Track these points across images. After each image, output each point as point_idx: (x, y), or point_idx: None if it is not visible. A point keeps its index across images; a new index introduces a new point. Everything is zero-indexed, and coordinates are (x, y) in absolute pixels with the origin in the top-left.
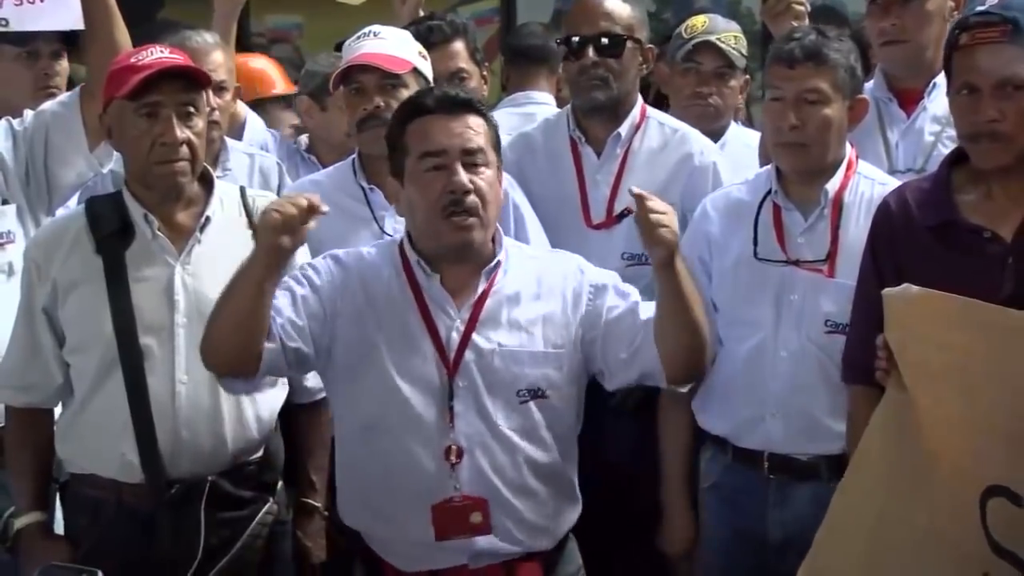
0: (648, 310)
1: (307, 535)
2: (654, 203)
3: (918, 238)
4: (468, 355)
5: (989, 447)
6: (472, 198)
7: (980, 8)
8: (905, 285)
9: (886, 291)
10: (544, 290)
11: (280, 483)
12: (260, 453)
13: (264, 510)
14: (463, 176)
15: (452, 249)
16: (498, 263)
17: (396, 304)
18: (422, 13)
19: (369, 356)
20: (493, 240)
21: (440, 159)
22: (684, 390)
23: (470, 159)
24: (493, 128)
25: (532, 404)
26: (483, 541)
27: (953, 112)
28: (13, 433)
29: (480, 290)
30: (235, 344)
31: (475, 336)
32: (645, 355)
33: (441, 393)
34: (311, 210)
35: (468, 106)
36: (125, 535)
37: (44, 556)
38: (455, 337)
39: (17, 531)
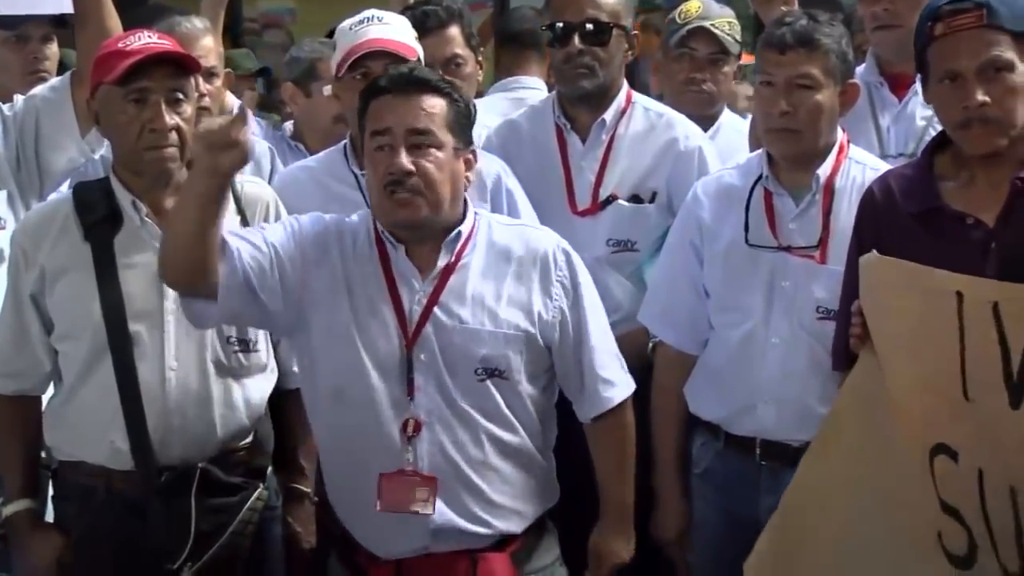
0: (597, 335)
1: (297, 520)
2: None
3: (902, 225)
4: (428, 329)
5: (935, 408)
6: (414, 180)
7: None
8: (872, 252)
9: (862, 258)
10: (514, 269)
11: (270, 469)
12: (250, 439)
13: (255, 496)
14: (404, 158)
15: (397, 226)
16: (459, 235)
17: (365, 273)
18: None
19: (336, 323)
20: (466, 211)
21: (385, 138)
22: None
23: (416, 139)
24: (456, 108)
25: (490, 383)
26: (440, 518)
27: (935, 103)
28: (2, 420)
29: (443, 263)
30: (185, 258)
31: (436, 310)
32: (565, 389)
33: (401, 366)
34: (238, 121)
35: (424, 86)
36: (115, 522)
37: (34, 544)
38: (416, 310)
39: (6, 519)
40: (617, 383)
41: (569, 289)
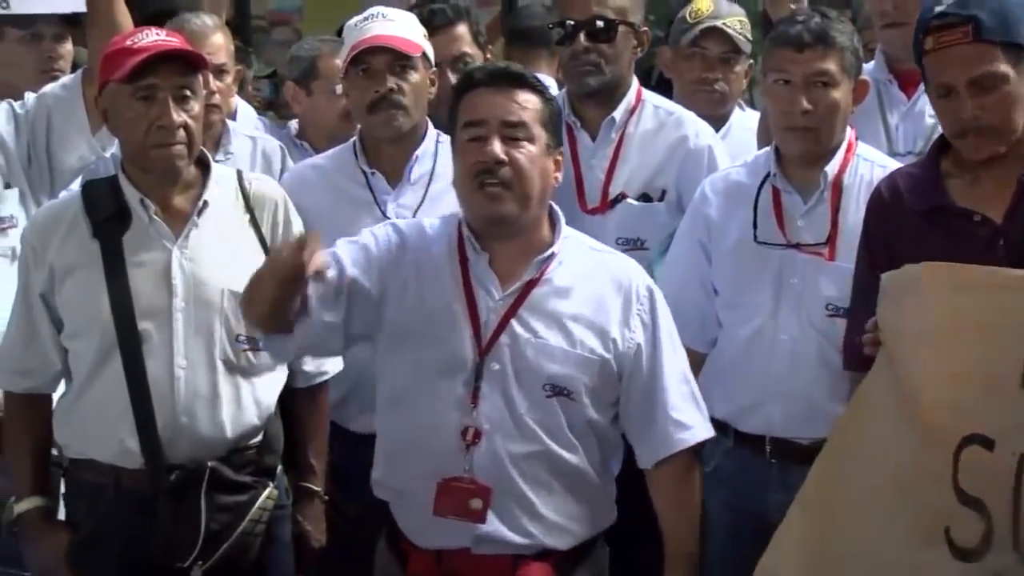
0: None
1: (307, 519)
2: None
3: (909, 223)
4: (503, 339)
5: (969, 399)
6: (506, 170)
7: (939, 8)
8: (905, 267)
9: (885, 275)
10: (595, 293)
11: (280, 467)
12: (259, 437)
13: (264, 495)
14: (497, 147)
15: (485, 221)
16: (552, 255)
17: (442, 277)
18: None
19: (409, 327)
20: (553, 227)
21: (479, 129)
22: None
23: (510, 131)
24: (549, 107)
25: (556, 401)
26: (486, 527)
27: (936, 112)
28: (12, 418)
29: (528, 278)
30: (267, 312)
31: (513, 322)
32: (629, 431)
33: (471, 372)
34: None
35: (519, 80)
36: (125, 520)
37: (44, 541)
38: (493, 319)
39: (17, 516)
40: (692, 426)
41: (648, 325)
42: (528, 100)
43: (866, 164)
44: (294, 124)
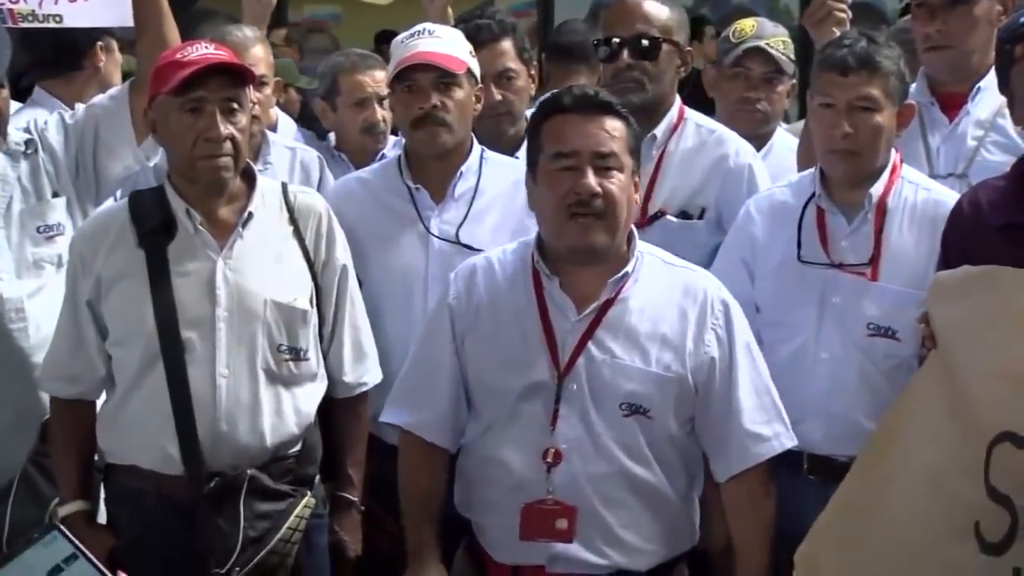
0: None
1: (344, 529)
2: None
3: (986, 237)
4: (580, 361)
5: (1008, 396)
6: (599, 202)
7: None
8: (963, 267)
9: (940, 273)
10: (670, 310)
11: (318, 477)
12: (299, 447)
13: (302, 504)
14: (592, 179)
15: (574, 250)
16: (626, 274)
17: (518, 302)
18: (451, 12)
19: (488, 353)
20: (628, 244)
21: (571, 160)
22: None
23: (602, 162)
24: (633, 131)
25: (633, 420)
26: (562, 546)
27: None
28: (58, 423)
29: (605, 298)
30: None
31: (590, 343)
32: (705, 444)
33: (548, 394)
34: None
35: (607, 108)
36: (165, 526)
37: (87, 544)
38: (571, 341)
39: (62, 519)
40: (769, 437)
41: (724, 339)
42: (616, 128)
43: (911, 186)
44: (333, 136)
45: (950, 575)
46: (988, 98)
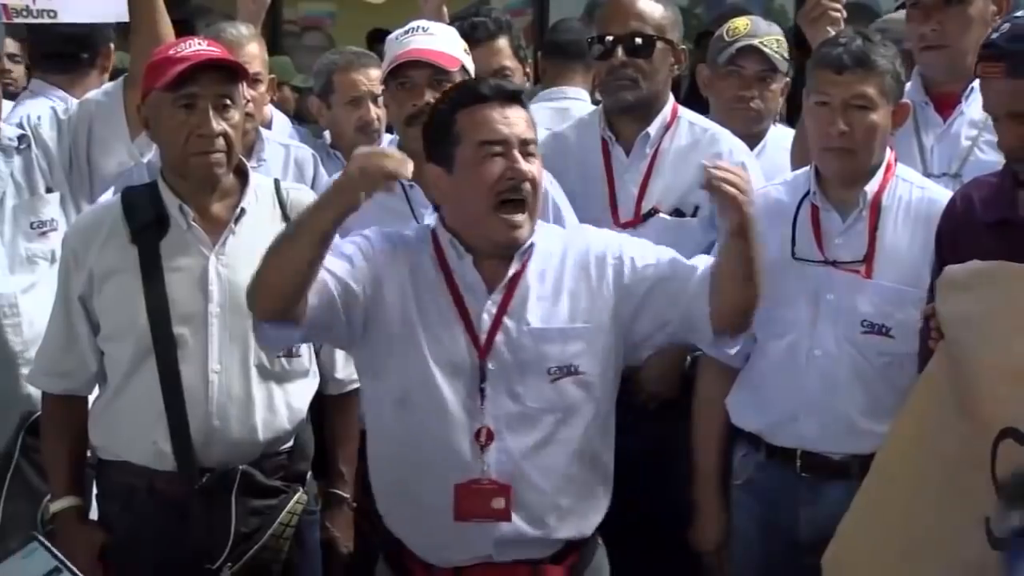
0: (681, 260)
1: (335, 525)
2: (724, 171)
3: (978, 234)
4: (499, 337)
5: (1010, 392)
6: (527, 186)
7: None
8: (973, 262)
9: (949, 267)
10: (570, 264)
11: (310, 474)
12: (291, 443)
13: (294, 500)
14: (523, 163)
15: (498, 246)
16: (531, 245)
17: (431, 285)
18: (445, 9)
19: (405, 333)
20: None
21: (501, 147)
22: (732, 351)
23: (526, 148)
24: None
25: (565, 381)
26: (508, 526)
27: None
28: (50, 419)
29: (512, 272)
30: (286, 290)
31: (506, 319)
32: (694, 308)
33: (472, 375)
34: (405, 164)
35: (518, 98)
36: (157, 522)
37: (79, 540)
38: (486, 319)
39: (53, 515)
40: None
41: (625, 262)
42: (529, 118)
43: (905, 185)
44: (328, 134)
45: (967, 572)
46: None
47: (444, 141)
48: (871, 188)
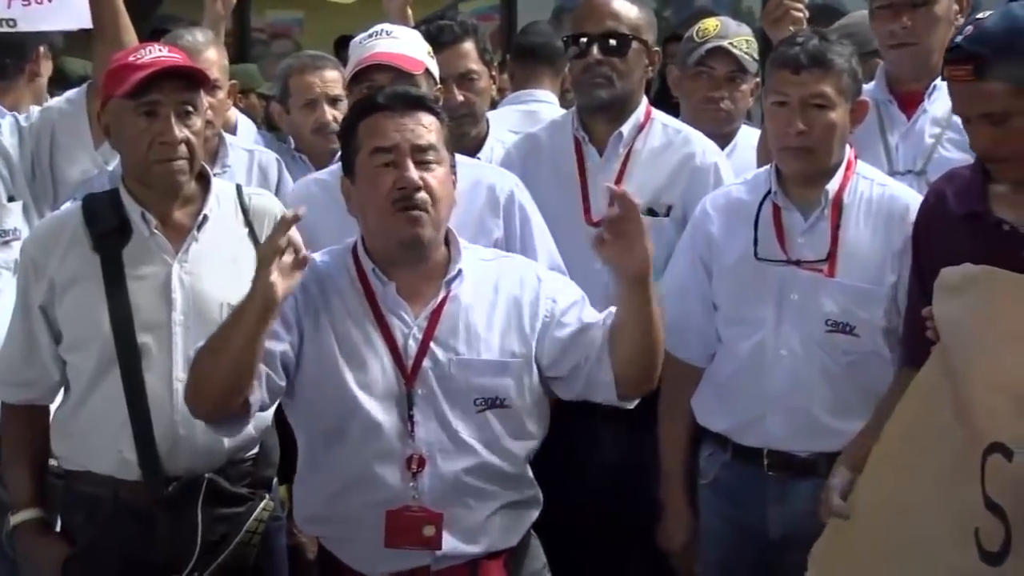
0: (596, 317)
1: (302, 531)
2: (634, 219)
3: (950, 227)
4: (426, 363)
5: (1000, 405)
6: (422, 194)
7: None
8: (965, 265)
9: (945, 270)
10: (501, 298)
11: (275, 480)
12: (256, 450)
13: (260, 507)
14: (413, 172)
15: (403, 245)
16: (459, 272)
17: (352, 313)
18: (410, 12)
19: (328, 366)
20: (448, 244)
21: (391, 155)
22: (631, 407)
23: (421, 156)
24: (446, 127)
25: (490, 413)
26: (445, 546)
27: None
28: (9, 429)
29: (440, 297)
30: (227, 392)
31: (432, 345)
32: (598, 369)
33: (400, 402)
34: (281, 227)
35: (420, 103)
36: (122, 532)
37: (41, 553)
38: (412, 345)
39: (14, 527)
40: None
41: (555, 302)
42: (431, 122)
43: (866, 182)
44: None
45: None
46: (944, 96)
47: (348, 150)
48: (832, 187)
